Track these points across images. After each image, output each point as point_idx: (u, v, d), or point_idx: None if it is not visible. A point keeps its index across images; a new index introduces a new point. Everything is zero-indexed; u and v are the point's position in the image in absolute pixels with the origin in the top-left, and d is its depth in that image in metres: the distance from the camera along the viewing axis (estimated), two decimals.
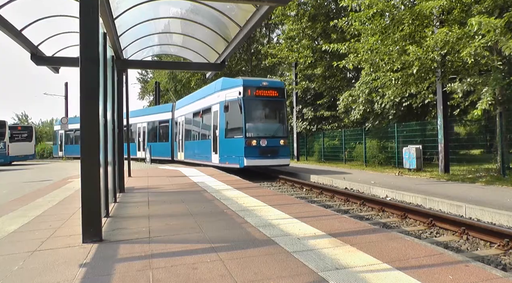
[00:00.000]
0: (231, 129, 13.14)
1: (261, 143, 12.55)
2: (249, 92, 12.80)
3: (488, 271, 2.67)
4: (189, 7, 6.92)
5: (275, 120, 13.77)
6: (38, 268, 2.93)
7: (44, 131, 49.73)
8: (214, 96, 14.44)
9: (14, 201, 6.71)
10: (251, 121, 12.88)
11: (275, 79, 17.28)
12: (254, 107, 13.08)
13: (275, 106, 13.60)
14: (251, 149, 12.41)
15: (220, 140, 13.55)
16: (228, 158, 13.19)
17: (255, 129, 12.90)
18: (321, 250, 3.23)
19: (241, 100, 12.59)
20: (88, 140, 3.66)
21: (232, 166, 12.90)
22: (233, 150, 12.93)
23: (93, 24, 3.68)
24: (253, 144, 12.42)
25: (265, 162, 12.71)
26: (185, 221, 4.55)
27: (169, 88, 34.62)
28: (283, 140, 13.14)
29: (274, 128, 13.38)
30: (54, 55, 7.90)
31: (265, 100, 13.26)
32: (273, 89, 13.34)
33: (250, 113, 12.89)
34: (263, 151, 12.54)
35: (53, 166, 21.56)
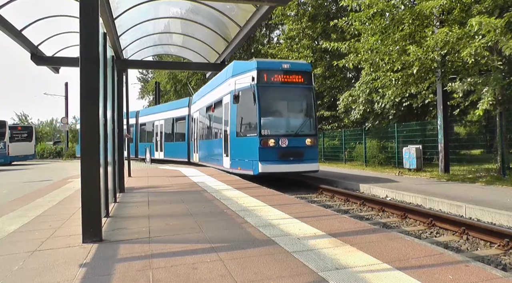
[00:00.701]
0: (243, 125, 10.47)
1: (280, 143, 9.77)
2: (265, 77, 9.98)
3: (488, 271, 2.67)
4: (189, 7, 6.93)
5: (300, 112, 10.84)
6: (38, 268, 2.93)
7: (44, 131, 49.70)
8: (225, 85, 11.68)
9: (14, 201, 6.71)
10: (267, 114, 10.11)
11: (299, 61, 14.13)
12: (271, 96, 10.24)
13: (299, 95, 10.58)
14: (267, 151, 9.67)
15: (231, 139, 10.92)
16: (240, 162, 10.52)
17: (273, 124, 10.14)
18: (321, 250, 3.23)
19: (255, 87, 9.81)
20: (88, 140, 3.66)
21: (245, 172, 10.19)
22: (246, 152, 10.24)
23: (93, 24, 3.68)
24: (270, 145, 9.69)
25: (286, 167, 9.89)
26: (185, 221, 4.55)
27: (168, 89, 34.62)
28: (310, 139, 10.16)
29: (298, 124, 10.42)
30: (54, 55, 7.91)
31: (286, 87, 10.34)
32: (297, 73, 10.33)
33: (266, 104, 10.12)
34: (283, 153, 9.77)
35: (53, 166, 21.57)
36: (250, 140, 10.04)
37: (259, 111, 9.80)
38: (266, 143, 9.72)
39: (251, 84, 9.91)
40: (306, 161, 10.06)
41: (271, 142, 9.73)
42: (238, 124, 10.57)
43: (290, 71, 10.30)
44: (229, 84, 11.13)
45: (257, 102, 9.80)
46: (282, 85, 10.33)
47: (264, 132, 9.78)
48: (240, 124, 10.54)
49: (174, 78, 34.07)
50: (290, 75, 10.30)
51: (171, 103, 22.80)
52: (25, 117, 50.93)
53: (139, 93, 47.68)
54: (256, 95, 9.83)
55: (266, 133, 9.79)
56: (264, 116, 9.97)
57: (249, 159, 10.08)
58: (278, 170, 9.92)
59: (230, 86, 10.89)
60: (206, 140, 14.62)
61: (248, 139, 10.19)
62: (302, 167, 10.04)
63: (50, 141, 44.84)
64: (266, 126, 9.88)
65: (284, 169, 9.93)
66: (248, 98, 10.03)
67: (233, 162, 10.85)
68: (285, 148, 9.83)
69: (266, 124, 9.92)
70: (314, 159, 10.31)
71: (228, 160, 11.19)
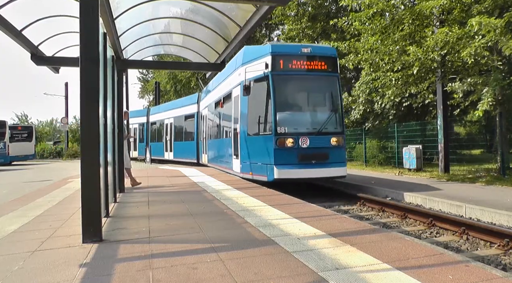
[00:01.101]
0: (255, 122, 8.85)
1: (300, 143, 8.18)
2: (281, 64, 8.48)
3: (488, 271, 2.67)
4: (189, 7, 6.93)
5: (323, 106, 9.21)
6: (38, 268, 2.93)
7: (44, 131, 49.70)
8: (234, 76, 10.18)
9: (14, 201, 6.71)
10: (284, 108, 8.59)
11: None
12: (289, 86, 8.73)
13: (322, 85, 9.03)
14: (285, 152, 8.15)
15: (241, 139, 9.42)
16: (252, 166, 9.00)
17: (292, 121, 8.55)
18: (321, 250, 3.23)
19: (269, 76, 8.35)
20: (88, 140, 3.66)
21: (257, 178, 8.70)
22: (259, 154, 8.73)
23: (93, 24, 3.68)
24: (288, 145, 8.12)
25: (307, 172, 8.27)
26: (185, 221, 4.55)
27: (168, 89, 34.60)
28: (336, 138, 8.52)
29: (321, 119, 8.79)
30: (54, 55, 7.90)
31: (306, 75, 8.76)
32: (320, 59, 8.73)
33: (283, 95, 8.65)
34: (304, 155, 8.21)
35: (53, 166, 21.57)
36: (264, 140, 8.51)
37: (274, 104, 8.26)
38: (283, 143, 8.15)
39: (265, 72, 8.36)
40: (332, 165, 8.43)
41: (289, 141, 8.15)
42: (250, 120, 9.01)
43: (311, 57, 8.64)
44: (239, 74, 9.49)
45: (272, 94, 8.30)
46: (302, 73, 8.65)
47: (280, 129, 8.23)
48: (252, 121, 8.94)
49: (174, 78, 34.07)
50: (312, 61, 8.64)
51: (180, 99, 21.59)
52: (25, 117, 50.95)
53: (139, 93, 47.69)
54: (271, 85, 8.32)
55: (283, 131, 8.24)
56: (281, 111, 8.42)
57: (262, 162, 8.54)
58: (297, 176, 8.26)
59: (240, 76, 9.22)
60: (215, 139, 13.18)
61: (261, 139, 8.64)
62: (326, 172, 8.37)
63: (50, 141, 44.84)
64: (283, 123, 8.31)
65: (304, 175, 8.29)
66: (261, 89, 8.54)
67: (243, 166, 9.32)
68: (306, 149, 8.22)
69: (283, 120, 8.36)
70: (341, 162, 8.69)
71: (238, 163, 9.66)
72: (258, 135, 8.71)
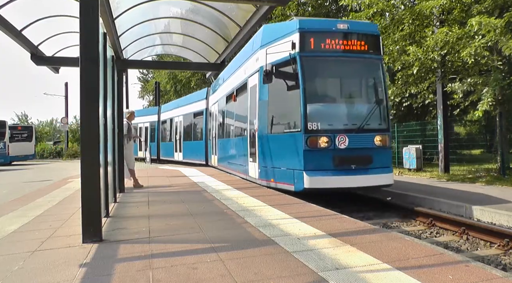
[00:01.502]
0: (278, 116, 7.34)
1: (337, 143, 6.51)
2: (312, 43, 6.77)
3: (488, 271, 2.67)
4: (189, 7, 6.93)
5: (364, 96, 7.48)
6: (38, 268, 2.93)
7: (44, 131, 49.71)
8: (251, 62, 8.50)
9: (14, 201, 6.71)
10: (316, 98, 6.99)
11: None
12: (322, 71, 7.09)
13: (363, 69, 7.30)
14: (317, 154, 6.51)
15: (259, 137, 7.75)
16: (274, 172, 7.31)
17: (326, 114, 6.91)
18: (321, 250, 3.23)
19: (297, 58, 6.66)
20: (88, 140, 3.66)
21: (281, 187, 7.08)
22: (283, 156, 7.11)
23: (93, 24, 3.68)
24: (322, 145, 6.47)
25: (346, 181, 6.55)
26: (185, 221, 4.55)
27: (168, 88, 34.58)
28: (380, 136, 6.84)
29: (362, 113, 7.00)
30: (54, 55, 7.91)
31: (343, 57, 6.97)
32: (360, 37, 6.99)
33: (315, 82, 7.03)
34: (342, 158, 6.57)
35: (53, 166, 21.57)
36: (290, 139, 6.90)
37: (303, 93, 6.56)
38: (315, 142, 6.48)
39: (291, 54, 6.72)
40: (376, 171, 6.75)
41: (322, 141, 6.45)
42: (271, 115, 7.36)
43: (349, 34, 6.95)
44: (256, 59, 7.96)
45: (301, 80, 6.59)
46: (338, 55, 6.90)
47: (312, 125, 6.54)
48: (274, 115, 7.34)
49: (174, 78, 34.07)
50: (350, 40, 6.96)
51: (190, 95, 20.09)
52: (25, 117, 50.97)
53: (139, 92, 47.63)
54: (299, 69, 6.60)
55: (315, 127, 6.54)
56: (312, 102, 6.73)
57: (288, 167, 6.90)
58: (333, 185, 6.53)
59: (259, 61, 7.67)
60: (226, 139, 11.46)
61: (286, 137, 7.03)
62: (369, 180, 6.68)
63: (50, 141, 44.85)
64: (314, 117, 6.61)
65: (342, 184, 6.54)
66: (286, 75, 6.91)
67: (263, 171, 7.68)
68: (345, 151, 6.55)
69: (314, 113, 6.67)
70: (386, 166, 6.98)
71: (255, 168, 8.06)
72: (282, 133, 7.13)
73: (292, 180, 6.78)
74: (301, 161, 6.55)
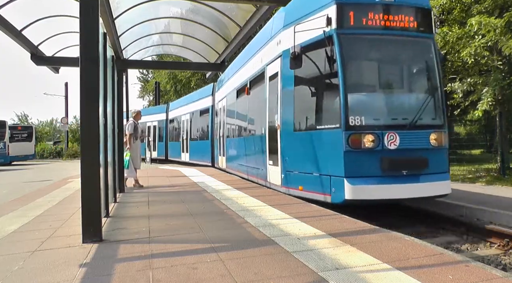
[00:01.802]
0: (308, 109, 6.07)
1: (386, 142, 5.21)
2: (352, 18, 5.50)
3: (488, 271, 2.67)
4: (189, 7, 6.94)
5: (416, 85, 6.08)
6: (38, 268, 2.93)
7: (44, 131, 49.71)
8: (270, 47, 7.16)
9: (14, 201, 6.72)
10: (359, 86, 5.69)
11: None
12: (365, 52, 5.81)
13: (413, 52, 5.95)
14: (361, 157, 5.24)
15: (283, 136, 6.51)
16: (302, 178, 6.05)
17: (371, 106, 5.62)
18: (321, 250, 3.23)
19: (334, 36, 5.37)
20: (88, 140, 3.66)
21: (313, 196, 5.78)
22: (315, 158, 5.80)
23: (93, 24, 3.69)
24: (367, 145, 5.17)
25: (397, 190, 5.25)
26: (185, 221, 4.55)
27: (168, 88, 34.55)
28: (436, 134, 5.58)
29: (414, 105, 5.68)
30: (54, 55, 7.92)
31: (390, 36, 5.69)
32: (409, 12, 5.67)
33: (357, 67, 5.77)
34: (392, 162, 5.26)
35: (53, 166, 21.58)
36: (325, 137, 5.53)
37: (343, 80, 5.18)
38: (358, 141, 5.13)
39: (326, 32, 5.42)
40: (431, 178, 5.41)
41: (368, 140, 5.11)
42: (298, 107, 6.11)
43: (396, 8, 5.61)
44: (278, 43, 6.69)
45: (340, 64, 5.22)
46: (384, 33, 5.60)
47: (354, 120, 5.17)
48: (302, 108, 6.11)
49: (174, 78, 34.07)
50: (397, 15, 5.59)
51: (196, 92, 18.96)
52: (25, 117, 50.97)
53: (139, 92, 47.56)
54: (337, 50, 5.26)
55: (358, 122, 5.18)
56: (354, 90, 5.41)
57: (321, 172, 5.60)
58: (382, 196, 5.17)
59: (281, 44, 6.49)
60: (237, 138, 10.11)
61: (319, 135, 5.64)
62: (424, 189, 5.33)
63: (50, 141, 44.85)
64: (358, 109, 5.26)
65: (392, 194, 5.18)
66: (320, 58, 5.60)
67: (288, 177, 6.41)
68: (395, 153, 5.20)
69: (358, 105, 5.35)
70: (443, 172, 5.70)
71: (277, 172, 6.77)
72: (314, 130, 5.73)
73: (328, 189, 5.42)
74: (341, 165, 5.18)
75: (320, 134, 5.66)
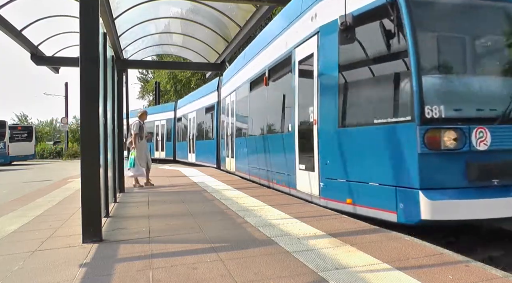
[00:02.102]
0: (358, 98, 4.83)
1: (474, 141, 3.76)
2: None
3: (488, 271, 2.67)
4: (189, 7, 6.94)
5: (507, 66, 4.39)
6: (38, 268, 2.93)
7: (44, 131, 49.72)
8: (301, 25, 5.87)
9: (14, 201, 6.72)
10: (438, 67, 4.11)
11: None
12: (445, 22, 4.25)
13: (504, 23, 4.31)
14: (442, 161, 3.77)
15: (321, 133, 5.20)
16: (353, 188, 4.69)
17: (453, 93, 4.02)
18: (321, 250, 3.23)
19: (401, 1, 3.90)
20: (88, 140, 3.66)
21: (369, 213, 4.39)
22: (373, 162, 4.38)
23: (93, 24, 3.69)
24: (449, 144, 3.72)
25: (489, 208, 3.73)
26: (185, 221, 4.55)
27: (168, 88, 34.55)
28: None
29: (508, 92, 4.07)
30: (54, 55, 7.92)
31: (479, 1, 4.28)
32: None
33: (434, 41, 4.15)
34: (482, 168, 3.80)
35: (53, 166, 21.58)
36: (388, 134, 4.18)
37: (415, 57, 3.85)
38: (437, 140, 3.79)
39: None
40: None
41: (450, 138, 3.79)
42: (345, 97, 4.80)
43: None
44: (312, 17, 5.44)
45: (410, 37, 3.88)
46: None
47: (431, 111, 3.81)
48: (351, 97, 4.83)
49: (174, 78, 34.08)
50: None
51: (201, 88, 17.53)
52: (25, 118, 50.98)
53: (139, 92, 47.51)
54: (406, 19, 3.91)
55: (436, 113, 3.81)
56: (430, 72, 4.04)
57: (383, 181, 4.24)
58: (470, 216, 3.78)
59: (318, 18, 5.25)
60: (251, 137, 8.75)
61: (378, 132, 4.30)
62: None
63: (50, 141, 44.85)
64: (436, 97, 3.91)
65: (484, 213, 3.79)
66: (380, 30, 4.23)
67: (329, 186, 5.09)
68: (486, 155, 3.88)
69: (436, 91, 3.98)
70: None
71: (311, 180, 5.51)
72: (371, 125, 4.36)
73: (393, 204, 4.02)
74: (414, 173, 3.79)
75: (381, 131, 4.21)
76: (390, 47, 4.22)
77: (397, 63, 4.16)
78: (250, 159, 8.86)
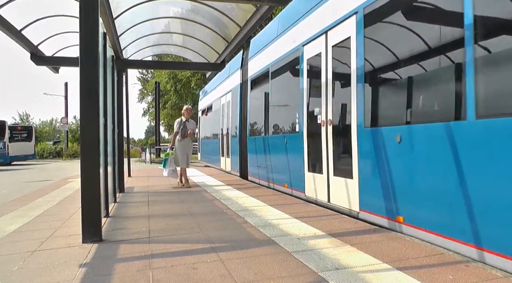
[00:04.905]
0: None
1: None
2: None
3: (488, 271, 2.67)
4: (189, 7, 6.93)
5: None
6: (38, 268, 2.93)
7: (44, 131, 49.71)
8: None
9: (14, 201, 6.71)
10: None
11: None
12: None
13: None
14: None
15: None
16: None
17: None
18: (321, 250, 3.23)
19: None
20: (88, 140, 3.66)
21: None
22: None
23: (93, 24, 3.68)
24: None
25: None
26: (185, 221, 4.55)
27: (168, 88, 34.53)
28: None
29: None
30: (54, 55, 7.90)
31: None
32: None
33: None
34: None
35: (53, 166, 21.57)
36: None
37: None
38: None
39: None
40: None
41: None
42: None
43: None
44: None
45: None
46: None
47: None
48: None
49: (174, 77, 34.08)
50: None
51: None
52: (27, 117, 51.01)
53: (139, 92, 47.42)
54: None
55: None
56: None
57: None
58: None
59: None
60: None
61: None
62: None
63: (50, 141, 44.85)
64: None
65: None
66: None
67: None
68: None
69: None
70: None
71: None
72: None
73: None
74: None
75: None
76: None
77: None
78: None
